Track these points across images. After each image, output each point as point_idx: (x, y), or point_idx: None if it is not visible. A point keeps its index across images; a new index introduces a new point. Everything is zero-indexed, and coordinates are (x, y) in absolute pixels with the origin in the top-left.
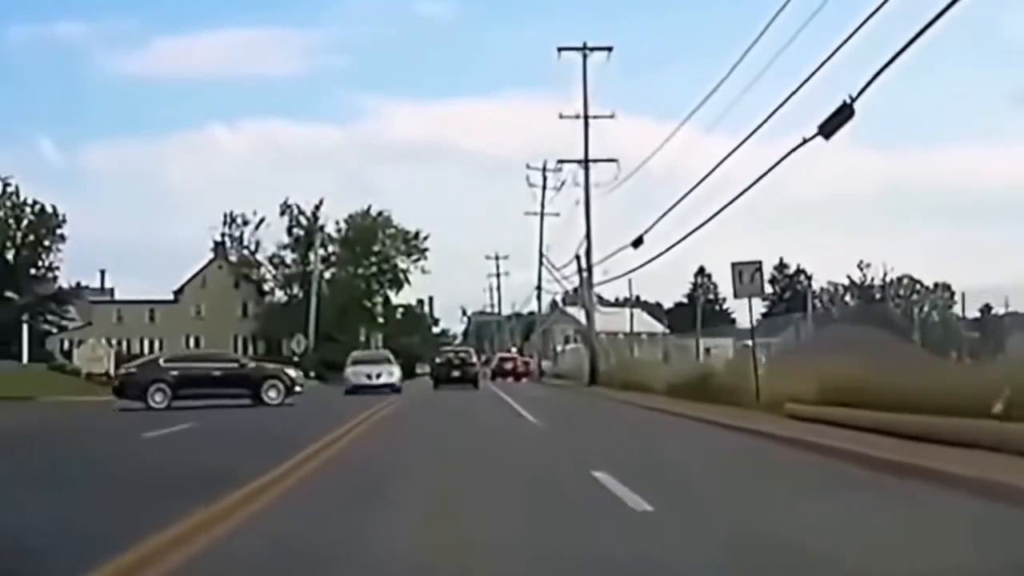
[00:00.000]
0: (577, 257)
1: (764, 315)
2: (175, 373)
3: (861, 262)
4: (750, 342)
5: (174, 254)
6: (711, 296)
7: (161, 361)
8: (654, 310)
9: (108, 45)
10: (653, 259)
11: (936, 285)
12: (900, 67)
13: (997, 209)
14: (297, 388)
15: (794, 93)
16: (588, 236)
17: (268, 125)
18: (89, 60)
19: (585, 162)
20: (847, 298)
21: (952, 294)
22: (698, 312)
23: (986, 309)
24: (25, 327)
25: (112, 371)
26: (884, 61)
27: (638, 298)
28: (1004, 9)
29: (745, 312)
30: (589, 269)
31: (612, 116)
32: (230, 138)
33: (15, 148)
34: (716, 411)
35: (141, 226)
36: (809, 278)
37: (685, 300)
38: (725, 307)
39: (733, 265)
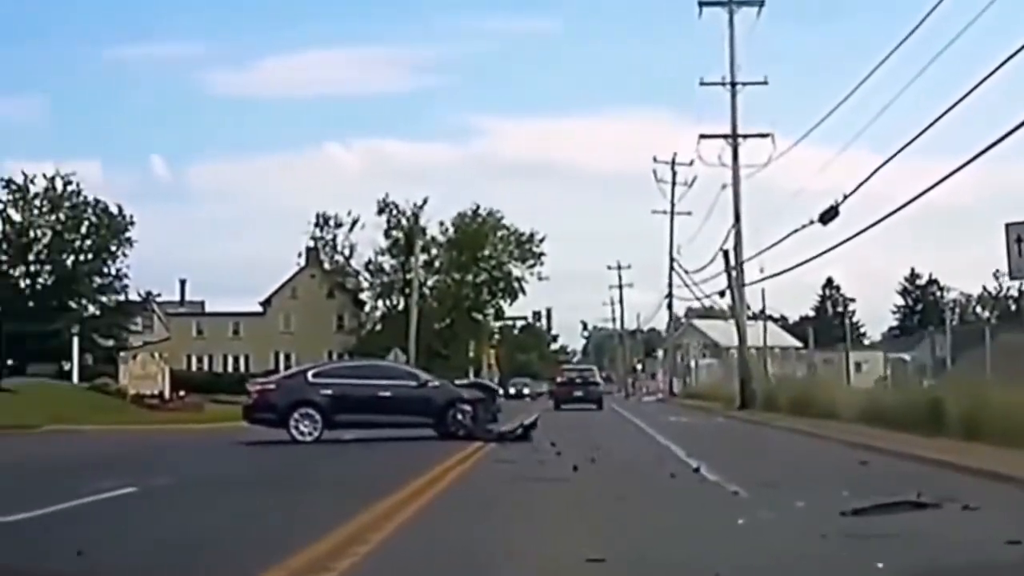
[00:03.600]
0: (724, 252)
1: (896, 328)
2: (329, 392)
3: (997, 271)
4: (906, 356)
5: (273, 268)
6: (839, 308)
7: (310, 375)
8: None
9: (218, 64)
10: (789, 270)
11: None
12: None
13: None
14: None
15: (951, 108)
16: (737, 224)
17: (377, 143)
18: (199, 79)
19: (733, 137)
20: (979, 310)
21: None
22: (847, 326)
23: None
24: (76, 340)
25: (167, 392)
26: None
27: (763, 311)
28: None
29: (877, 326)
30: (739, 266)
31: (765, 82)
32: (341, 156)
33: (126, 165)
34: None
35: (250, 244)
36: (942, 289)
37: (812, 313)
38: (856, 320)
39: (1008, 227)
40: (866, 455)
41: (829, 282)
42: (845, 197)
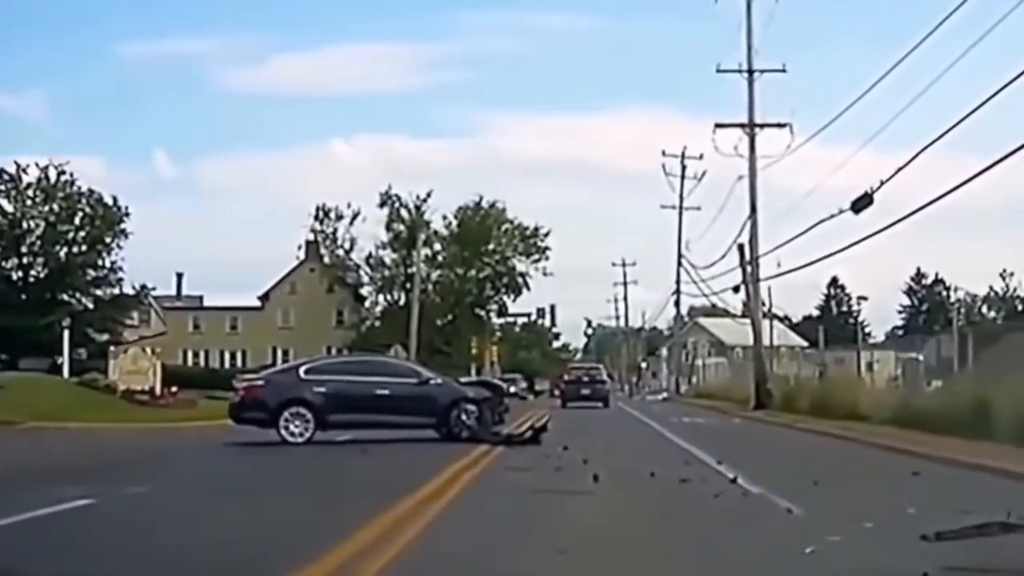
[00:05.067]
0: (740, 246)
1: (900, 328)
2: (322, 390)
3: (1004, 271)
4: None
5: (275, 263)
6: (844, 308)
7: (302, 371)
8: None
9: (227, 61)
10: (811, 264)
11: None
12: None
13: None
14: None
15: (981, 105)
16: (754, 216)
17: (385, 140)
18: (207, 76)
19: (750, 126)
20: (984, 309)
21: None
22: (857, 326)
23: None
24: (67, 334)
25: (158, 388)
26: None
27: (770, 310)
28: None
29: (881, 326)
30: (755, 261)
31: (783, 70)
32: (348, 153)
33: (130, 161)
34: None
35: (252, 240)
36: (948, 288)
37: (818, 312)
38: (862, 320)
39: None
40: (913, 462)
41: (834, 281)
42: (882, 183)
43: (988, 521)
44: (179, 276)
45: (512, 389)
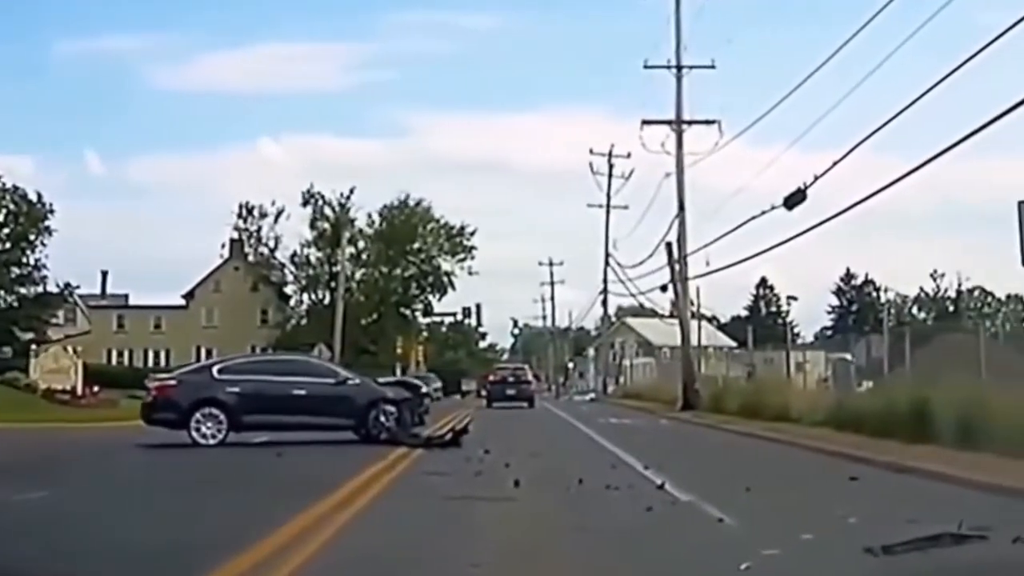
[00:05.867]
0: (667, 245)
1: (829, 328)
2: (235, 390)
3: (935, 272)
4: (848, 356)
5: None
6: (772, 308)
7: (215, 370)
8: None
9: (155, 59)
10: (740, 262)
11: (1009, 297)
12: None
13: None
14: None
15: (908, 106)
16: (682, 213)
17: (312, 140)
18: (136, 74)
19: (677, 122)
20: (915, 310)
21: None
22: (787, 326)
23: None
24: None
25: (80, 387)
26: None
27: (698, 310)
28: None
29: (810, 326)
30: (683, 259)
31: (712, 66)
32: (275, 153)
33: (59, 162)
34: None
35: (180, 239)
36: (878, 289)
37: (746, 313)
38: (791, 320)
39: (1021, 205)
40: (850, 466)
41: (763, 282)
42: (816, 178)
43: (939, 532)
44: (104, 274)
45: (424, 389)
